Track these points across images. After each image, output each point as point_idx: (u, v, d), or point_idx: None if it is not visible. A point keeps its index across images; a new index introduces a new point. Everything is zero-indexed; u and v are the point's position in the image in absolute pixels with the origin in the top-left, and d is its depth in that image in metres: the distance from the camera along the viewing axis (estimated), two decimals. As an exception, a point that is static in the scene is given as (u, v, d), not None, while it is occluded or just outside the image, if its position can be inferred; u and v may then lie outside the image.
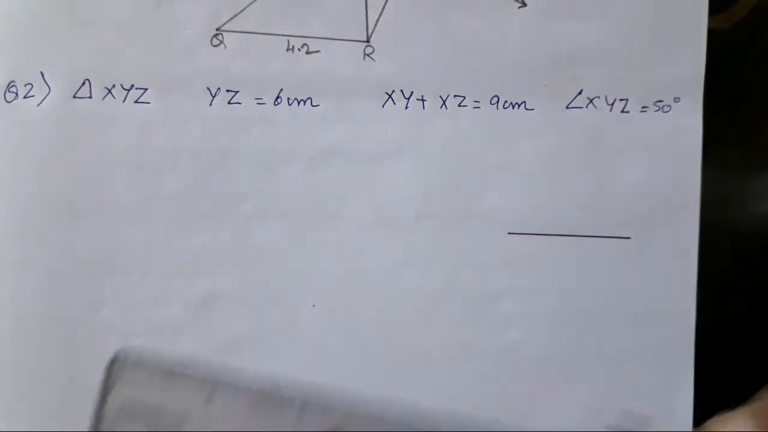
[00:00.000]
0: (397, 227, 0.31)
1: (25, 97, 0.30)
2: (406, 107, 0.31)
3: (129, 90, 0.30)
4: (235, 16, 0.30)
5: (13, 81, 0.30)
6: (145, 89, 0.30)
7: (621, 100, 0.31)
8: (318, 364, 0.31)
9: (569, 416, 0.31)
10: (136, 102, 0.30)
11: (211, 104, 0.31)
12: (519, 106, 0.31)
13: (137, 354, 0.30)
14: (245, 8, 0.30)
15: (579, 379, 0.31)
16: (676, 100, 0.31)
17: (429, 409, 0.31)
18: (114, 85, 0.30)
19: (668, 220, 0.31)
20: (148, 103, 0.30)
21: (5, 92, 0.30)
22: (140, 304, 0.31)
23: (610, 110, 0.31)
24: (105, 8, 0.30)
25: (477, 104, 0.31)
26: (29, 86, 0.30)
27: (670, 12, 0.31)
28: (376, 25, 0.31)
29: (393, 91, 0.31)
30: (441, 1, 0.31)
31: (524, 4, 0.31)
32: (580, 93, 0.31)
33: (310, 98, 0.31)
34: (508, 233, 0.31)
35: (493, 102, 0.31)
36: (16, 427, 0.30)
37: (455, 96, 0.31)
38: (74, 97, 0.30)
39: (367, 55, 0.31)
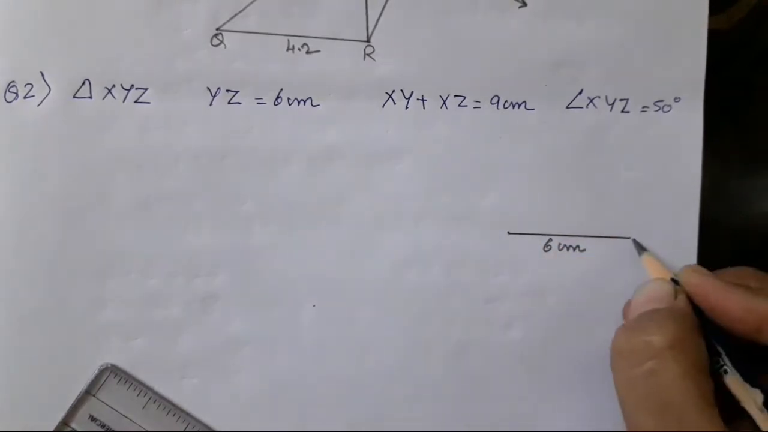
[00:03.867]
0: (397, 227, 0.31)
1: (25, 97, 0.30)
2: (407, 107, 0.31)
3: (129, 90, 0.30)
4: (235, 15, 0.30)
5: (13, 81, 0.30)
6: (145, 89, 0.30)
7: (621, 99, 0.31)
8: (318, 364, 0.31)
9: (569, 416, 0.31)
10: (136, 102, 0.30)
11: (211, 104, 0.31)
12: (519, 106, 0.31)
13: (126, 372, 0.30)
14: (245, 8, 0.30)
15: (579, 379, 0.31)
16: (677, 99, 0.31)
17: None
18: (114, 85, 0.30)
19: (668, 219, 0.31)
20: (148, 103, 0.30)
21: (5, 92, 0.30)
22: (140, 304, 0.30)
23: (611, 110, 0.31)
24: (105, 9, 0.30)
25: (477, 104, 0.31)
26: (29, 86, 0.30)
27: (671, 12, 0.31)
28: (376, 25, 0.31)
29: (393, 91, 0.31)
30: (441, 2, 0.31)
31: (524, 4, 0.31)
32: (580, 93, 0.31)
33: (310, 98, 0.31)
34: (508, 233, 0.31)
35: (493, 102, 0.31)
36: (16, 427, 0.30)
37: (455, 96, 0.31)
38: (74, 97, 0.30)
39: (368, 55, 0.31)
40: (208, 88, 0.30)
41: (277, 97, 0.31)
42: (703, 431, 0.23)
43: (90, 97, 0.30)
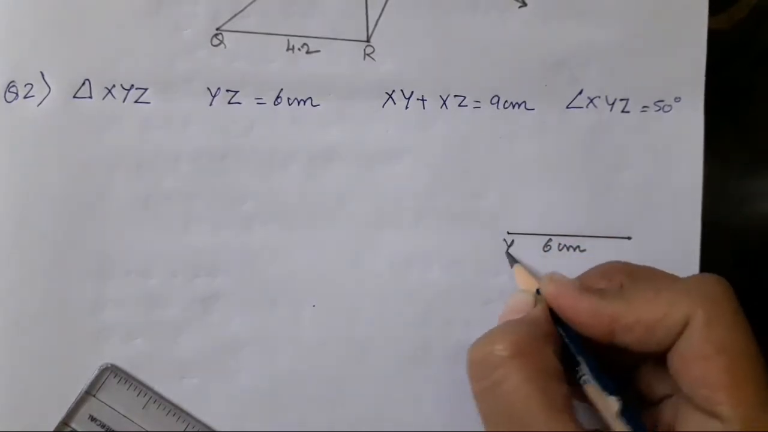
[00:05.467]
0: (397, 227, 0.31)
1: (25, 97, 0.30)
2: (407, 107, 0.31)
3: (129, 90, 0.30)
4: (235, 15, 0.30)
5: (13, 81, 0.30)
6: (145, 89, 0.30)
7: (621, 99, 0.31)
8: (318, 364, 0.31)
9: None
10: (136, 102, 0.30)
11: (211, 104, 0.31)
12: (519, 106, 0.31)
13: (126, 372, 0.30)
14: (245, 8, 0.30)
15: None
16: (677, 99, 0.31)
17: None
18: (114, 85, 0.30)
19: (669, 219, 0.31)
20: (148, 103, 0.30)
21: (5, 92, 0.30)
22: (140, 304, 0.30)
23: (611, 110, 0.31)
24: (105, 8, 0.30)
25: (477, 104, 0.31)
26: (29, 86, 0.30)
27: (671, 12, 0.31)
28: (376, 25, 0.31)
29: (393, 90, 0.31)
30: (441, 2, 0.31)
31: (524, 4, 0.31)
32: (580, 93, 0.31)
33: (310, 98, 0.31)
34: (508, 233, 0.31)
35: (493, 102, 0.31)
36: (16, 427, 0.30)
37: (455, 96, 0.31)
38: (74, 97, 0.30)
39: (368, 54, 0.31)
40: (208, 88, 0.30)
41: (277, 97, 0.31)
42: None
43: (90, 97, 0.30)
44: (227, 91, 0.31)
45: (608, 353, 0.26)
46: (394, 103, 0.31)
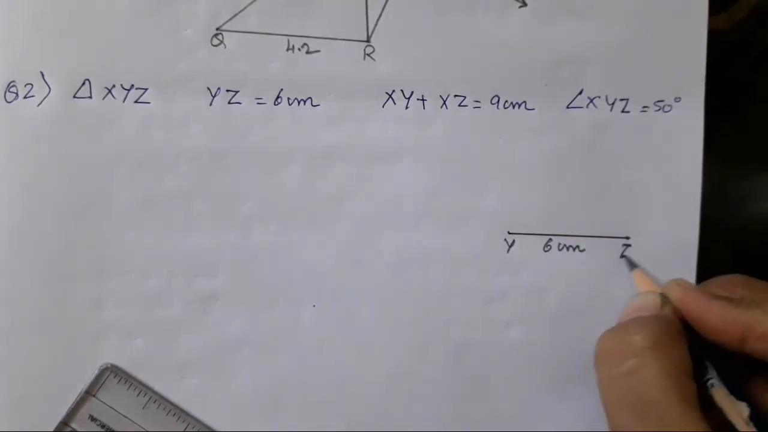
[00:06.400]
0: (397, 227, 0.31)
1: (25, 97, 0.30)
2: (407, 107, 0.31)
3: (129, 90, 0.30)
4: (235, 15, 0.30)
5: (13, 81, 0.30)
6: (145, 89, 0.30)
7: (622, 99, 0.31)
8: (318, 364, 0.31)
9: (569, 416, 0.31)
10: (136, 102, 0.30)
11: (211, 104, 0.31)
12: (519, 105, 0.31)
13: (126, 372, 0.30)
14: (245, 8, 0.30)
15: (579, 379, 0.31)
16: (677, 99, 0.31)
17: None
18: (114, 85, 0.30)
19: (668, 220, 0.31)
20: (148, 103, 0.30)
21: (5, 92, 0.30)
22: (140, 304, 0.30)
23: (611, 110, 0.31)
24: (105, 9, 0.30)
25: (477, 104, 0.31)
26: (29, 86, 0.30)
27: (671, 12, 0.31)
28: (376, 24, 0.31)
29: (393, 90, 0.31)
30: (441, 1, 0.31)
31: (524, 4, 0.31)
32: (580, 93, 0.31)
33: (310, 98, 0.31)
34: (508, 233, 0.31)
35: (493, 102, 0.31)
36: (15, 427, 0.30)
37: (455, 96, 0.31)
38: (74, 97, 0.30)
39: (368, 54, 0.31)
40: (208, 88, 0.30)
41: (277, 97, 0.31)
42: (683, 430, 0.23)
43: (90, 97, 0.30)
44: (227, 91, 0.31)
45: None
46: (394, 103, 0.31)
